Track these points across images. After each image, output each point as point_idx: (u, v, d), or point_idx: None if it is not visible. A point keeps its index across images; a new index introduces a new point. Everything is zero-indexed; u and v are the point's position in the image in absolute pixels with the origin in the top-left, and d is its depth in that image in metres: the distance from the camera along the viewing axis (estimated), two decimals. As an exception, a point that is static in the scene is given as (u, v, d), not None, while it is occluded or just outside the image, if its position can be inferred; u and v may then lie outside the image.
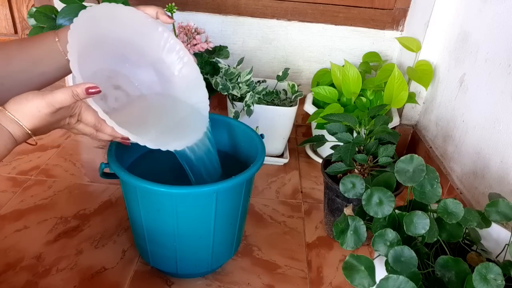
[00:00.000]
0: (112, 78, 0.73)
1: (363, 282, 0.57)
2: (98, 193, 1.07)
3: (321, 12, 1.34)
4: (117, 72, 0.74)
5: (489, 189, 0.89)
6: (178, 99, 0.78)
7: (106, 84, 0.71)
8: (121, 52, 0.73)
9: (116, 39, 0.70)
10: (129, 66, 0.75)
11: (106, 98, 0.71)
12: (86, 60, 0.65)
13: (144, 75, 0.77)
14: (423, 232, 0.59)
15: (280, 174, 1.22)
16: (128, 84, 0.75)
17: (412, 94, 1.23)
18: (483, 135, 0.93)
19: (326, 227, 1.00)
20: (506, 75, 0.87)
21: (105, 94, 0.71)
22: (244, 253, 0.92)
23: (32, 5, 1.41)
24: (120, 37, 0.70)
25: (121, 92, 0.74)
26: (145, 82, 0.77)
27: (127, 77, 0.75)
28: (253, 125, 1.16)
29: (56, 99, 0.54)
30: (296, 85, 1.26)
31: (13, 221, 0.95)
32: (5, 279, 0.81)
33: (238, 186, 0.74)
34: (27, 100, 0.54)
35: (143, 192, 0.71)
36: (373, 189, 0.64)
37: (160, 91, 0.78)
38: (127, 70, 0.75)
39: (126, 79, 0.75)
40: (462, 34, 1.07)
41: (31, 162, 1.17)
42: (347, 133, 0.87)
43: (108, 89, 0.72)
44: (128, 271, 0.85)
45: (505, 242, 0.66)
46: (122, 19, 0.68)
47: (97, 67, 0.70)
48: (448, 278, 0.57)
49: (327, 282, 0.87)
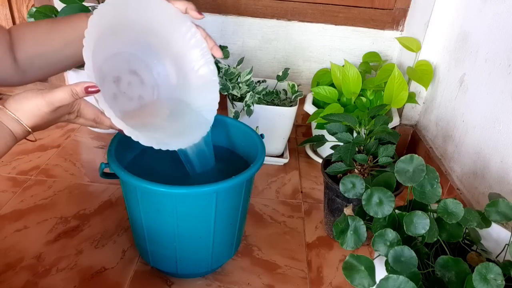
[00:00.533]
0: (131, 62, 0.74)
1: (363, 282, 0.57)
2: (98, 193, 1.07)
3: (321, 12, 1.34)
4: (138, 58, 0.75)
5: (489, 189, 0.89)
6: (188, 97, 0.78)
7: (123, 66, 0.73)
8: (146, 40, 0.73)
9: (143, 26, 0.70)
10: (150, 54, 0.76)
11: (119, 81, 0.72)
12: (109, 40, 0.66)
13: (163, 66, 0.77)
14: (423, 232, 0.59)
15: (280, 174, 1.22)
16: (145, 71, 0.76)
17: (412, 94, 1.23)
18: (483, 135, 0.93)
19: (326, 227, 1.00)
20: (506, 75, 0.87)
21: (119, 77, 0.72)
22: (244, 253, 0.92)
23: (32, 5, 1.41)
24: (147, 25, 0.70)
25: (136, 78, 0.75)
26: (163, 73, 0.78)
27: (147, 64, 0.76)
28: (253, 125, 1.16)
29: (55, 97, 0.55)
30: (296, 85, 1.26)
31: (13, 221, 0.95)
32: (5, 279, 0.81)
33: (238, 186, 0.74)
34: (27, 99, 0.54)
35: (143, 192, 0.71)
36: (373, 189, 0.64)
37: (174, 85, 0.78)
38: (148, 57, 0.76)
39: (145, 66, 0.76)
40: (462, 34, 1.07)
41: (31, 162, 1.17)
42: (347, 133, 0.87)
43: (124, 72, 0.73)
44: (128, 271, 0.85)
45: (505, 242, 0.66)
46: (152, 8, 0.69)
47: (119, 49, 0.71)
48: (448, 278, 0.57)
49: (327, 282, 0.87)
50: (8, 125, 0.54)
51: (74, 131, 1.34)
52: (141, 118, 0.74)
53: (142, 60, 0.76)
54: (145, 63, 0.76)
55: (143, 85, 0.76)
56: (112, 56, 0.70)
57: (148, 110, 0.77)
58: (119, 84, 0.73)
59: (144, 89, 0.77)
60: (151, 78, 0.77)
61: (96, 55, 0.64)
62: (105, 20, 0.61)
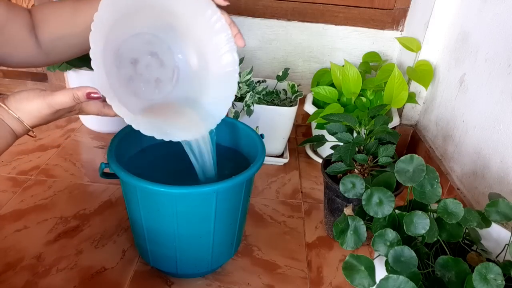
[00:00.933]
0: (152, 44, 0.73)
1: (363, 282, 0.57)
2: (98, 193, 1.07)
3: (321, 12, 1.33)
4: (159, 39, 0.73)
5: (489, 189, 0.89)
6: (207, 85, 0.76)
7: (143, 48, 0.72)
8: (169, 21, 0.71)
9: (166, 7, 0.68)
10: (173, 36, 0.73)
11: (137, 62, 0.72)
12: (129, 21, 0.65)
13: (186, 48, 0.75)
14: (423, 232, 0.59)
15: (280, 174, 1.22)
16: (167, 53, 0.74)
17: (412, 94, 1.23)
18: (483, 135, 0.93)
19: (326, 227, 1.00)
20: (506, 75, 0.87)
21: (137, 59, 0.71)
22: (244, 253, 0.92)
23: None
24: (170, 6, 0.68)
25: (156, 60, 0.74)
26: (184, 56, 0.76)
27: (168, 46, 0.74)
28: (253, 125, 1.16)
29: (56, 101, 0.55)
30: (296, 85, 1.26)
31: (13, 221, 0.95)
32: (5, 279, 0.81)
33: (238, 186, 0.74)
34: (28, 100, 0.55)
35: (143, 192, 0.71)
36: (373, 189, 0.64)
37: (194, 70, 0.76)
38: (170, 39, 0.74)
39: (166, 47, 0.74)
40: (462, 34, 1.07)
41: (31, 162, 1.17)
42: (347, 133, 0.87)
43: (143, 54, 0.72)
44: (128, 271, 0.85)
45: (505, 242, 0.66)
46: None
47: (139, 30, 0.69)
48: (448, 278, 0.57)
49: (327, 282, 0.87)
50: (9, 123, 0.55)
51: (74, 131, 1.34)
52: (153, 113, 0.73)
53: (163, 41, 0.74)
54: (167, 45, 0.74)
55: (163, 67, 0.75)
56: (132, 36, 0.69)
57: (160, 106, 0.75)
58: (136, 66, 0.72)
59: (163, 72, 0.75)
60: (172, 60, 0.75)
61: (114, 36, 0.63)
62: (121, 1, 0.60)
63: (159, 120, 0.71)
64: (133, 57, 0.71)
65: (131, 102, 0.73)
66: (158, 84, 0.76)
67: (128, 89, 0.72)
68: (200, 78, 0.76)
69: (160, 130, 0.65)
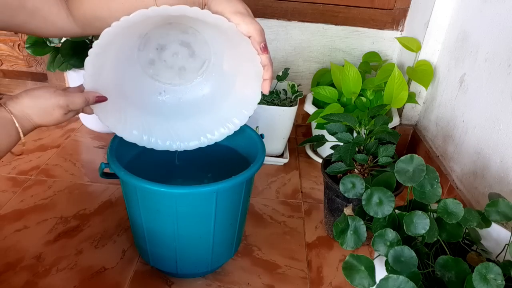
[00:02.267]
0: (187, 34, 0.72)
1: (363, 282, 0.57)
2: (98, 193, 1.07)
3: (321, 12, 1.33)
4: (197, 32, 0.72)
5: (489, 189, 0.89)
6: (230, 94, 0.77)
7: (175, 37, 0.72)
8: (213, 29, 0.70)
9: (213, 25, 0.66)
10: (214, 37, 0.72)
11: (164, 49, 0.73)
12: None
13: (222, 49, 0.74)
14: (423, 232, 0.59)
15: (280, 174, 1.22)
16: (202, 46, 0.74)
17: (412, 94, 1.23)
18: (483, 135, 0.93)
19: (326, 227, 1.00)
20: (506, 75, 0.87)
21: (165, 45, 0.73)
22: (244, 253, 0.92)
23: None
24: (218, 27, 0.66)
25: (186, 50, 0.74)
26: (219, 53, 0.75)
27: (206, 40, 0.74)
28: (253, 125, 1.16)
29: (70, 100, 0.59)
30: (296, 85, 1.26)
31: (13, 221, 0.95)
32: (5, 279, 0.81)
33: (238, 186, 0.74)
34: (45, 99, 0.58)
35: (143, 192, 0.71)
36: (373, 189, 0.64)
37: (224, 70, 0.77)
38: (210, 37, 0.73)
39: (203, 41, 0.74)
40: (462, 34, 1.07)
41: (31, 162, 1.17)
42: (347, 133, 0.87)
43: (173, 42, 0.73)
44: (128, 271, 0.85)
45: (505, 242, 0.66)
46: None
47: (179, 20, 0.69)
48: (448, 278, 0.57)
49: (327, 282, 0.87)
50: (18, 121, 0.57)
51: (74, 131, 1.35)
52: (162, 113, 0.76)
53: (201, 35, 0.73)
54: (204, 39, 0.73)
55: (193, 57, 0.75)
56: (167, 24, 0.69)
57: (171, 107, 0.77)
58: (162, 52, 0.73)
59: (192, 62, 0.76)
60: (206, 53, 0.75)
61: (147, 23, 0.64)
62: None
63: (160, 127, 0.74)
64: (161, 43, 0.72)
65: (146, 83, 0.75)
66: (181, 72, 0.76)
67: (146, 71, 0.74)
68: (227, 82, 0.77)
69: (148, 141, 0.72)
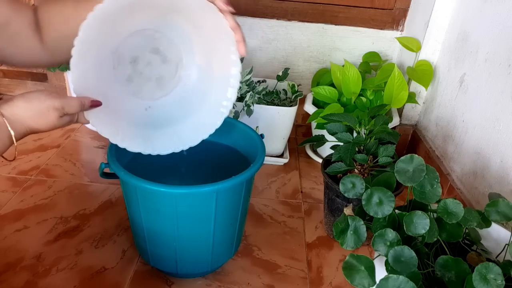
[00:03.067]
0: (155, 40, 0.72)
1: (363, 282, 0.57)
2: (98, 193, 1.07)
3: (321, 12, 1.33)
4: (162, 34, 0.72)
5: (489, 189, 0.89)
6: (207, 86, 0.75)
7: (145, 45, 0.71)
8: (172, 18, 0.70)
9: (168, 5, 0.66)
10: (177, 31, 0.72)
11: (137, 61, 0.71)
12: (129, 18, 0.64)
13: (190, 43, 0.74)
14: (423, 232, 0.59)
15: (280, 174, 1.22)
16: (170, 47, 0.73)
17: (412, 94, 1.23)
18: (483, 135, 0.93)
19: (326, 227, 1.00)
20: (506, 75, 0.87)
21: (138, 57, 0.71)
22: (244, 253, 0.92)
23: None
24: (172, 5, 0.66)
25: (158, 57, 0.73)
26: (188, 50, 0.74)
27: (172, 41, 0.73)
28: (253, 125, 1.16)
29: (65, 102, 0.57)
30: (296, 85, 1.26)
31: (13, 221, 0.95)
32: (5, 279, 0.81)
33: (238, 186, 0.74)
34: (40, 101, 0.56)
35: (143, 192, 0.71)
36: (373, 189, 0.64)
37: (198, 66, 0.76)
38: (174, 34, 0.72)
39: (169, 42, 0.73)
40: (462, 34, 1.07)
41: (31, 162, 1.17)
42: (347, 133, 0.87)
43: (144, 51, 0.72)
44: (128, 271, 0.85)
45: (505, 242, 0.66)
46: None
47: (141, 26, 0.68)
48: (448, 278, 0.57)
49: (327, 282, 0.87)
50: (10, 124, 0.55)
51: (74, 131, 1.34)
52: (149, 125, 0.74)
53: (167, 36, 0.72)
54: (170, 40, 0.73)
55: (166, 63, 0.74)
56: (133, 33, 0.68)
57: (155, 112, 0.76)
58: (136, 65, 0.71)
59: (166, 68, 0.74)
60: (176, 55, 0.74)
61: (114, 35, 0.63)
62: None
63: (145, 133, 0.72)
64: (133, 55, 0.71)
65: (130, 103, 0.73)
66: (159, 82, 0.75)
67: (126, 89, 0.72)
68: (203, 77, 0.76)
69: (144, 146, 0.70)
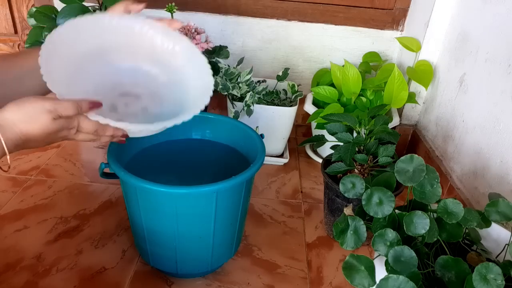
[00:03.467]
0: (117, 86, 0.71)
1: (363, 282, 0.57)
2: (98, 193, 1.07)
3: (321, 12, 1.33)
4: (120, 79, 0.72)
5: (489, 189, 0.89)
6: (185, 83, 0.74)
7: (112, 94, 0.70)
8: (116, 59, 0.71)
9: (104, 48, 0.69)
10: (128, 70, 0.73)
11: (116, 108, 0.69)
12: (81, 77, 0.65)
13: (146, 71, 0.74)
14: (423, 232, 0.59)
15: (280, 174, 1.22)
16: (135, 87, 0.73)
17: (412, 94, 1.23)
18: (483, 135, 0.93)
19: (326, 227, 1.00)
20: (506, 75, 0.87)
21: (114, 104, 0.69)
22: (244, 253, 0.92)
23: (32, 5, 1.41)
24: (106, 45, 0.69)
25: (130, 97, 0.73)
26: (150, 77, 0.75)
27: (132, 81, 0.73)
28: (253, 125, 1.16)
29: (59, 105, 0.54)
30: (296, 85, 1.26)
31: (13, 221, 0.95)
32: (5, 279, 0.81)
33: (238, 186, 0.74)
34: (30, 103, 0.54)
35: (143, 192, 0.71)
36: (373, 189, 0.64)
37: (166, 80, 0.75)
38: (128, 74, 0.73)
39: (131, 82, 0.73)
40: (462, 34, 1.07)
41: (31, 162, 1.17)
42: (347, 133, 0.87)
43: (116, 98, 0.70)
44: (128, 271, 0.85)
45: (505, 242, 0.66)
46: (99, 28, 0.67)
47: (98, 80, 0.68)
48: (448, 278, 0.57)
49: (327, 282, 0.87)
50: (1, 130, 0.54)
51: (74, 131, 1.34)
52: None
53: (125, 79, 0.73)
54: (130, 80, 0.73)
55: (140, 98, 0.73)
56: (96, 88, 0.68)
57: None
58: (117, 111, 0.70)
59: (144, 101, 0.73)
60: (144, 88, 0.74)
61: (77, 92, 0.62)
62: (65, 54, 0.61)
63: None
64: (109, 104, 0.69)
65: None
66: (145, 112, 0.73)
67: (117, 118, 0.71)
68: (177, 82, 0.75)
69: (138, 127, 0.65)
